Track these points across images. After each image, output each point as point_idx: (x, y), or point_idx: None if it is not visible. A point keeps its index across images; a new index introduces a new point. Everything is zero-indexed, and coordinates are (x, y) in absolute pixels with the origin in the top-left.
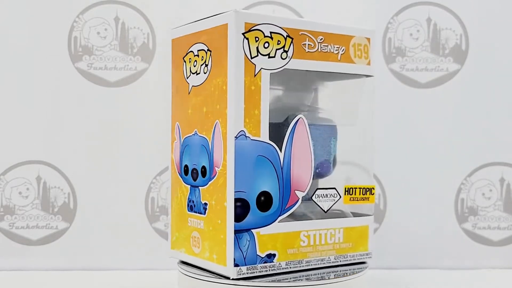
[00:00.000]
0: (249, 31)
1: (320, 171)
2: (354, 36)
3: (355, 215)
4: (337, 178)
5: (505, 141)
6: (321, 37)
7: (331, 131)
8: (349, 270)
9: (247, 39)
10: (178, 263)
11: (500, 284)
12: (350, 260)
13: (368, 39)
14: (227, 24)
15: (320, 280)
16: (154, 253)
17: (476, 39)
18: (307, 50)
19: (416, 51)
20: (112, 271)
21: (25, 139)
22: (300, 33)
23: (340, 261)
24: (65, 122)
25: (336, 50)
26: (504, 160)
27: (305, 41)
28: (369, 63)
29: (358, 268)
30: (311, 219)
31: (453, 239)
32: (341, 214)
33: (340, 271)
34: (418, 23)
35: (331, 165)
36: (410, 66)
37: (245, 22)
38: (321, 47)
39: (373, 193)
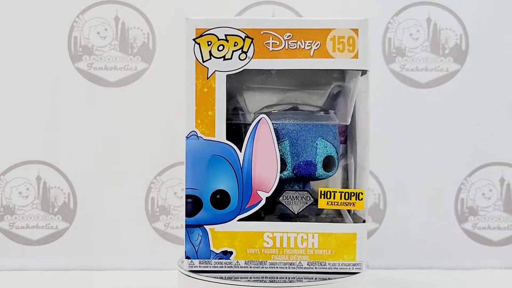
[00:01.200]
0: (200, 36)
1: (298, 173)
2: (333, 29)
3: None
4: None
5: (505, 141)
6: (288, 34)
7: (317, 130)
8: (328, 277)
9: (198, 44)
10: (178, 263)
11: (500, 284)
12: (330, 268)
13: (355, 30)
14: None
15: (285, 282)
16: (154, 253)
17: (476, 39)
18: (271, 49)
19: (416, 51)
20: (112, 271)
21: (25, 139)
22: (262, 32)
23: (316, 268)
24: (65, 122)
25: (308, 46)
26: (504, 160)
27: (269, 39)
28: (355, 56)
29: (341, 277)
30: (309, 221)
31: (453, 239)
32: (324, 219)
33: (316, 278)
34: (418, 23)
35: (317, 167)
36: (410, 66)
37: (196, 28)
38: (288, 45)
39: (361, 199)
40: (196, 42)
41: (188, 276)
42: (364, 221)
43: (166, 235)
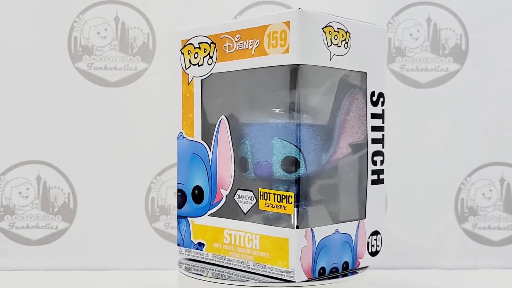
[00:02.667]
0: (184, 46)
1: (256, 173)
2: (269, 25)
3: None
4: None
5: (505, 141)
6: (238, 35)
7: (272, 130)
8: (273, 283)
9: (183, 53)
10: (178, 263)
11: (500, 284)
12: (270, 272)
13: (287, 23)
14: None
15: (237, 281)
16: (154, 253)
17: (476, 39)
18: (227, 51)
19: (416, 51)
20: (112, 271)
21: (25, 139)
22: (221, 36)
23: (259, 270)
24: (65, 122)
25: (251, 45)
26: (504, 160)
27: (225, 43)
28: (287, 51)
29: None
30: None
31: (453, 239)
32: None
33: (259, 280)
34: (418, 23)
35: (274, 167)
36: (410, 66)
37: (181, 40)
38: (238, 46)
39: (291, 202)
40: (181, 52)
41: (188, 276)
42: (297, 227)
43: (166, 235)
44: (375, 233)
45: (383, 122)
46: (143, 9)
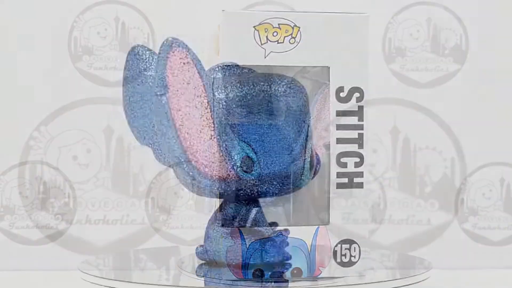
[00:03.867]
0: None
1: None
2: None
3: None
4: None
5: (505, 141)
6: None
7: (237, 130)
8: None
9: None
10: (178, 263)
11: (500, 284)
12: None
13: (219, 26)
14: None
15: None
16: (154, 253)
17: (476, 39)
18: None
19: (416, 51)
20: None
21: (25, 139)
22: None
23: None
24: (65, 122)
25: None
26: (504, 160)
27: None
28: (218, 53)
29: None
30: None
31: (453, 239)
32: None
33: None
34: (418, 23)
35: (236, 167)
36: (410, 66)
37: None
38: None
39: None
40: None
41: (188, 276)
42: (222, 225)
43: (165, 235)
44: (348, 241)
45: (359, 120)
46: (143, 9)
